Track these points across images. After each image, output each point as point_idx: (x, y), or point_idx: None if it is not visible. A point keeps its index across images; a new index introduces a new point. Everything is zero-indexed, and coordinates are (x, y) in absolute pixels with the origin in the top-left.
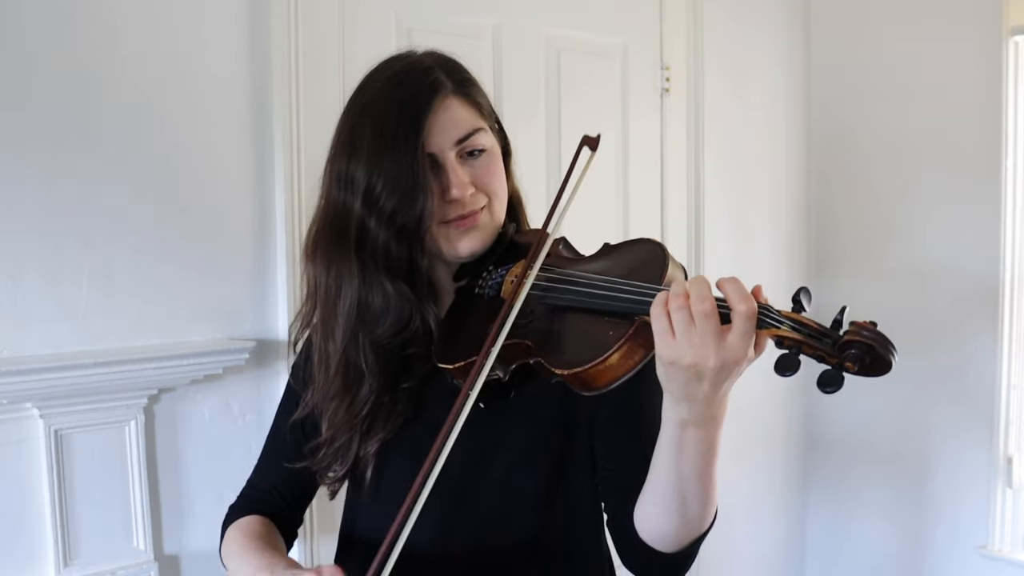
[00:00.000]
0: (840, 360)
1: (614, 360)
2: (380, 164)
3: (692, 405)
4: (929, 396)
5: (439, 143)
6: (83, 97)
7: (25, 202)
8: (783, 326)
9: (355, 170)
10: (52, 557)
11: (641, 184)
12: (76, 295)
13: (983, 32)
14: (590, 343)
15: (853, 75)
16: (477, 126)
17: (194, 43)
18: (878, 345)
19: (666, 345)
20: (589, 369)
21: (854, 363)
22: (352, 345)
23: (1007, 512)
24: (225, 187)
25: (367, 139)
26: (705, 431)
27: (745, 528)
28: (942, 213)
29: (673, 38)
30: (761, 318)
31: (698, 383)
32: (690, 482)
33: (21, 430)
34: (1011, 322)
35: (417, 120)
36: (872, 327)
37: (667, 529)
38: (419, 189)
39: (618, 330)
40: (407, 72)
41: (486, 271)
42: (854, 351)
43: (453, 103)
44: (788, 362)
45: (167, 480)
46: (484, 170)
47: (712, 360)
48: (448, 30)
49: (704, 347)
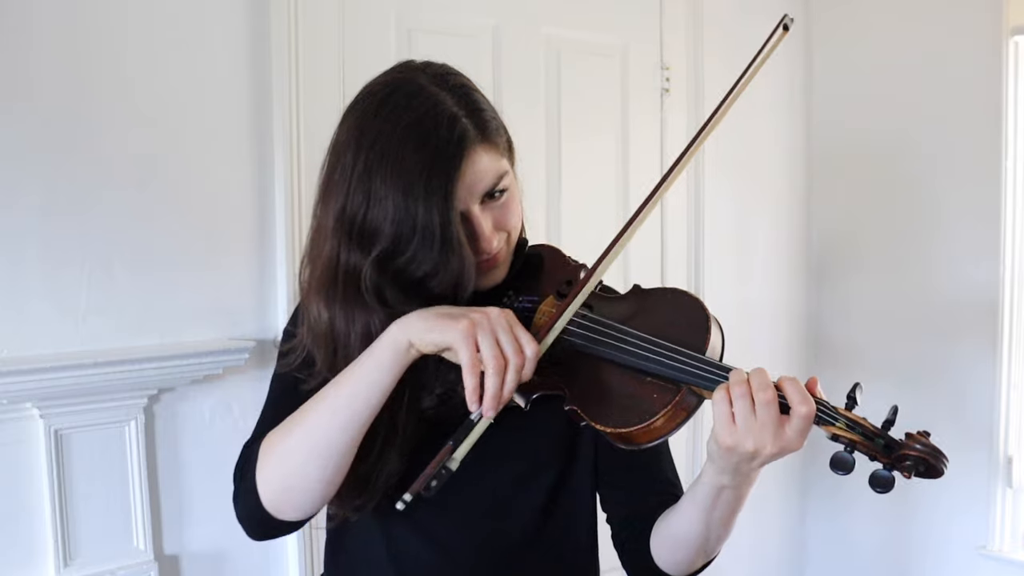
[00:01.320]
0: (893, 463)
1: (659, 424)
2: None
3: (735, 476)
4: (929, 396)
5: (468, 200)
6: (83, 97)
7: (25, 202)
8: (838, 423)
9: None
10: (52, 557)
11: (641, 184)
12: (76, 295)
13: (983, 32)
14: (634, 405)
15: (853, 74)
16: (502, 171)
17: (194, 43)
18: (931, 459)
19: (727, 431)
20: (635, 431)
21: (909, 473)
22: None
23: (1007, 512)
24: (225, 187)
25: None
26: (740, 492)
27: (745, 529)
28: (942, 213)
29: (673, 38)
30: (819, 416)
31: (749, 463)
32: (715, 527)
33: (21, 430)
34: (1011, 323)
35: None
36: (925, 438)
37: (684, 559)
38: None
39: (663, 395)
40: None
41: (506, 296)
42: (909, 463)
43: (480, 155)
44: (842, 462)
45: (167, 480)
46: (506, 211)
47: (770, 448)
48: (448, 30)
49: (763, 436)
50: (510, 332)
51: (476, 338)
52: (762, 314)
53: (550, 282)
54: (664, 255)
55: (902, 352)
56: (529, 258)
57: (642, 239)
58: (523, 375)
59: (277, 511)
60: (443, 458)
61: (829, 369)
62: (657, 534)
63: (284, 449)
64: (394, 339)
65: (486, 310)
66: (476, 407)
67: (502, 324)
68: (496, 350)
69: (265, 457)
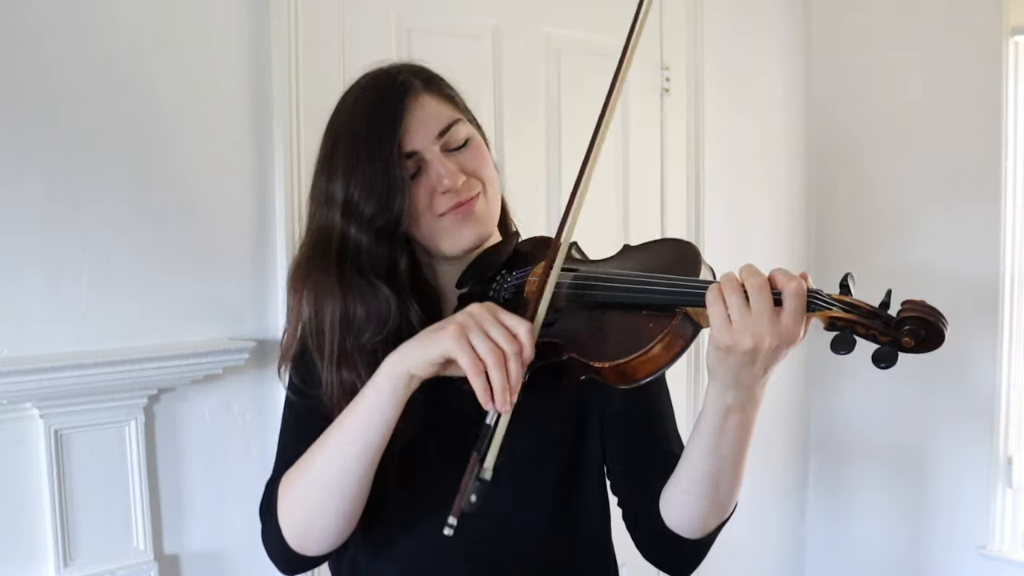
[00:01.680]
0: (895, 336)
1: (656, 351)
2: (357, 172)
3: (739, 391)
4: (929, 396)
5: (419, 140)
6: (83, 97)
7: (25, 202)
8: (834, 307)
9: (334, 186)
10: (52, 557)
11: (641, 184)
12: (76, 295)
13: (983, 32)
14: (631, 336)
15: (853, 75)
16: (455, 118)
17: (194, 44)
18: (932, 318)
19: (724, 331)
20: (632, 360)
21: (912, 337)
22: (343, 358)
23: (1007, 512)
24: (225, 187)
25: (343, 153)
26: (746, 415)
27: (745, 528)
28: (942, 213)
29: (673, 38)
30: (812, 301)
31: (751, 367)
32: (725, 468)
33: (21, 430)
34: (1011, 321)
35: (391, 122)
36: (923, 303)
37: (697, 514)
38: (396, 188)
39: (659, 322)
40: (373, 81)
41: (499, 275)
42: (909, 326)
43: (426, 99)
44: (843, 341)
45: (167, 480)
46: (471, 157)
47: (768, 340)
48: (448, 30)
49: (760, 327)
50: (497, 322)
51: (468, 339)
52: None
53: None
54: None
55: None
56: (520, 247)
57: (642, 239)
58: (525, 358)
59: (303, 548)
60: (473, 470)
61: (827, 364)
62: (666, 492)
63: (300, 490)
64: (391, 371)
65: (467, 309)
66: (491, 406)
67: (486, 317)
68: (490, 343)
69: (284, 498)
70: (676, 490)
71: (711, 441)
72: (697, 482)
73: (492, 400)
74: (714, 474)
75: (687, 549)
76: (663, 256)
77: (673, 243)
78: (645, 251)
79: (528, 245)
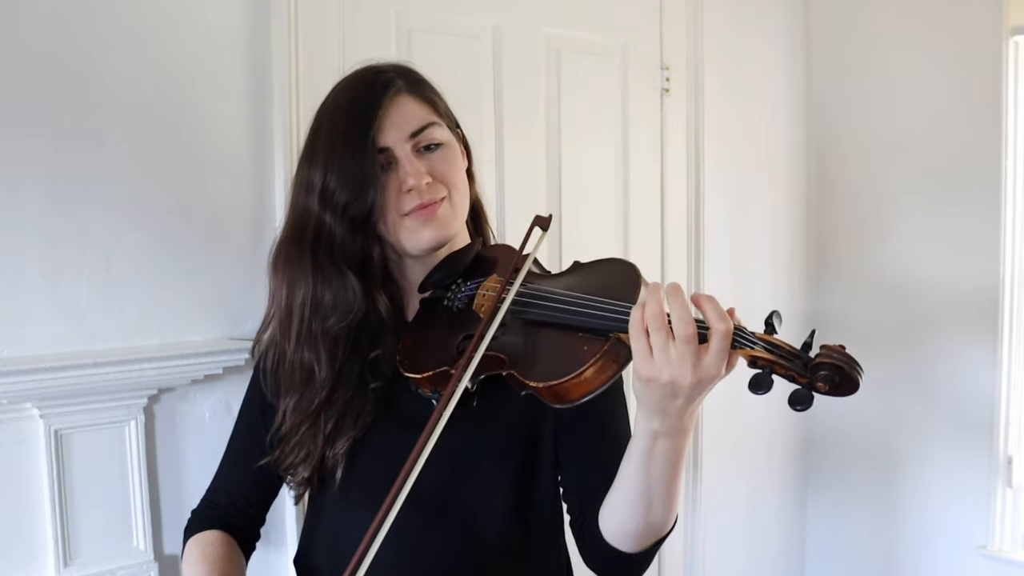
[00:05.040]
0: (811, 380)
1: (588, 375)
2: (334, 161)
3: (665, 419)
4: (929, 396)
5: (392, 137)
6: (83, 97)
7: (25, 202)
8: (756, 347)
9: (314, 173)
10: (52, 557)
11: (641, 184)
12: (76, 295)
13: (983, 32)
14: (565, 358)
15: (853, 75)
16: (430, 120)
17: (194, 43)
18: (846, 366)
19: (644, 363)
20: (564, 383)
21: (825, 383)
22: (307, 339)
23: (1007, 512)
24: (225, 187)
25: (323, 142)
26: (674, 442)
27: (745, 528)
28: (942, 214)
29: (673, 38)
30: (736, 339)
31: (673, 400)
32: (656, 488)
33: (21, 430)
34: (1011, 322)
35: (368, 116)
36: (841, 349)
37: (631, 530)
38: (368, 180)
39: (592, 346)
40: (360, 76)
41: (455, 284)
42: (824, 372)
43: (405, 99)
44: (761, 381)
45: (167, 480)
46: (441, 161)
47: (689, 378)
48: (448, 30)
49: (682, 366)
50: None
51: None
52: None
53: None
54: (664, 255)
55: (901, 352)
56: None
57: (642, 239)
58: None
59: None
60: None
61: None
62: (604, 507)
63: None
64: None
65: None
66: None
67: None
68: None
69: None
70: (610, 505)
71: (641, 463)
72: (630, 499)
73: None
74: (646, 493)
75: (624, 561)
76: (605, 277)
77: (616, 264)
78: (591, 270)
79: (492, 252)
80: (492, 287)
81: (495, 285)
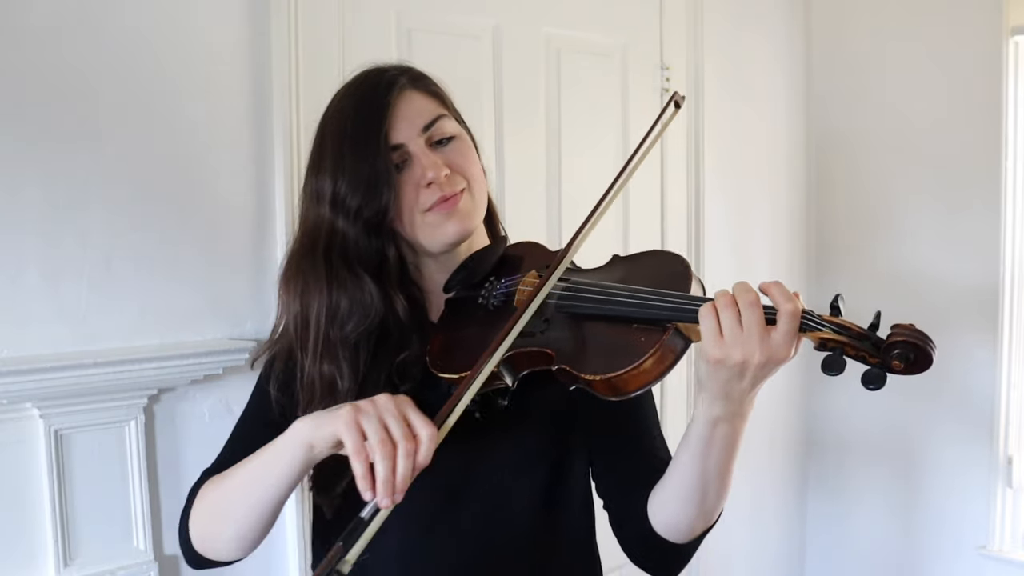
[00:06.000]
0: (883, 360)
1: (647, 365)
2: (344, 165)
3: (728, 403)
4: (929, 396)
5: (404, 133)
6: (83, 97)
7: (25, 202)
8: (825, 329)
9: (323, 181)
10: (52, 557)
11: (641, 184)
12: (76, 295)
13: (983, 32)
14: (622, 350)
15: (853, 75)
16: (440, 113)
17: (194, 43)
18: (921, 342)
19: (715, 344)
20: (623, 374)
21: (901, 361)
22: (325, 350)
23: (1007, 512)
24: (225, 187)
25: (331, 149)
26: (733, 427)
27: (745, 528)
28: (942, 213)
29: (673, 38)
30: (804, 322)
31: (739, 381)
32: (712, 476)
33: (21, 430)
34: (1011, 322)
35: (377, 114)
36: (912, 327)
37: (684, 520)
38: (382, 180)
39: (650, 336)
40: (363, 77)
41: (487, 281)
42: (898, 350)
43: (412, 95)
44: (833, 362)
45: (167, 480)
46: (456, 154)
47: (758, 356)
48: (448, 30)
49: (750, 344)
50: (400, 416)
51: (360, 423)
52: None
53: (531, 267)
54: None
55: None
56: (510, 251)
57: (642, 239)
58: (419, 460)
59: (203, 551)
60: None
61: None
62: (655, 497)
63: (207, 505)
64: (295, 436)
65: (375, 397)
66: (370, 495)
67: (390, 409)
68: (383, 434)
69: (198, 503)
70: (664, 496)
71: (699, 450)
72: (685, 489)
73: (372, 489)
74: (701, 482)
75: (673, 553)
76: (654, 268)
77: (664, 256)
78: (636, 263)
79: (518, 250)
80: (531, 283)
81: (534, 281)
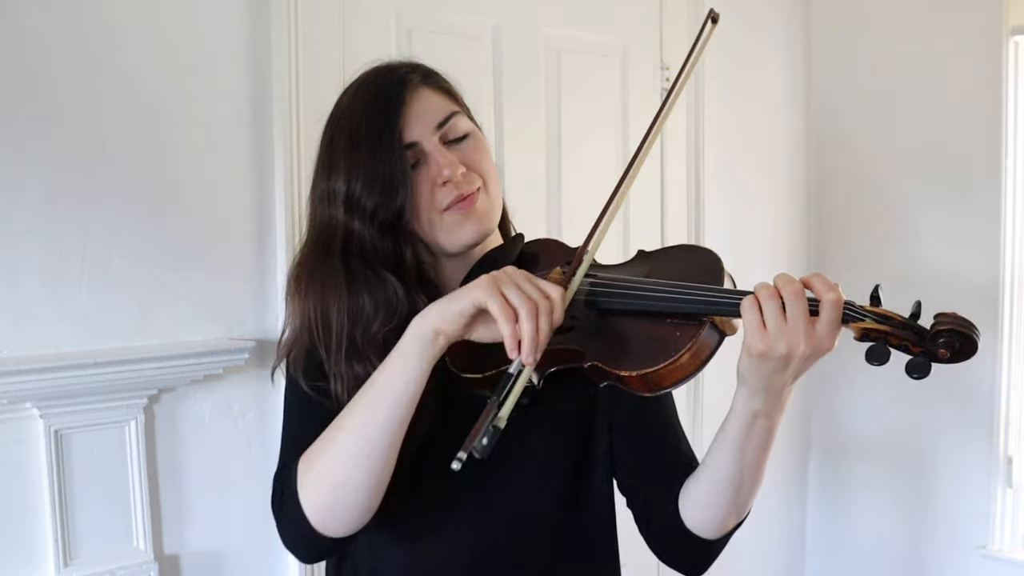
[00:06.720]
0: (929, 348)
1: (684, 360)
2: (358, 166)
3: (768, 396)
4: (929, 396)
5: (419, 131)
6: (83, 97)
7: (25, 202)
8: (867, 319)
9: (335, 182)
10: (52, 557)
11: (641, 184)
12: (76, 295)
13: (983, 32)
14: (658, 345)
15: (853, 75)
16: (453, 110)
17: (194, 44)
18: (966, 330)
19: (758, 337)
20: (660, 370)
21: (947, 349)
22: (352, 352)
23: (1007, 512)
24: (225, 187)
25: (342, 148)
26: (771, 421)
27: (745, 527)
28: (942, 214)
29: (673, 38)
30: (847, 312)
31: (782, 373)
32: (748, 470)
33: (21, 430)
34: (1011, 322)
35: (390, 114)
36: (955, 315)
37: (717, 515)
38: (398, 179)
39: (686, 331)
40: (373, 75)
41: None
42: (944, 339)
43: (425, 92)
44: (877, 352)
45: (167, 480)
46: (471, 151)
47: (803, 348)
48: (448, 30)
49: (795, 335)
50: (530, 281)
51: (501, 289)
52: None
53: (552, 264)
54: None
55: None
56: (528, 248)
57: (642, 239)
58: (555, 318)
59: (325, 527)
60: (489, 415)
61: (828, 365)
62: (686, 493)
63: (325, 463)
64: (419, 331)
65: (502, 268)
66: (516, 354)
67: (520, 275)
68: (523, 295)
69: (305, 476)
70: (697, 491)
71: (737, 445)
72: (720, 483)
73: (518, 349)
74: (737, 477)
75: (703, 549)
76: (685, 263)
77: (695, 250)
78: (664, 257)
79: (536, 247)
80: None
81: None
